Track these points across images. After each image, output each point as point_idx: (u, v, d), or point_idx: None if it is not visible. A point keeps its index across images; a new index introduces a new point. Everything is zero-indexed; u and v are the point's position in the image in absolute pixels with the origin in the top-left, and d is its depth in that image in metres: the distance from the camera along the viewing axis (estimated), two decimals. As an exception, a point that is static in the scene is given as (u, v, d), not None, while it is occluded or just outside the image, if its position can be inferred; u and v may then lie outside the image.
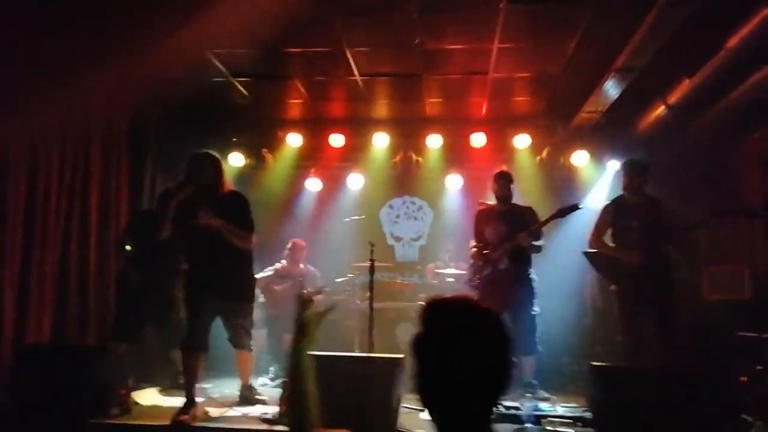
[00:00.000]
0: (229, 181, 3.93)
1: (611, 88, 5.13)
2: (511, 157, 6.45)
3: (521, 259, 4.48)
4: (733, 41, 3.86)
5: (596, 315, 5.71)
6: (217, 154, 3.79)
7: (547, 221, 4.37)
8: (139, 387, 4.15)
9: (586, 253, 4.46)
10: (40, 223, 4.41)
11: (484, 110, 6.35)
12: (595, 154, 6.28)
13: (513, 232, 4.42)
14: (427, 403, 1.18)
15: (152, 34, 4.13)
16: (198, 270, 3.73)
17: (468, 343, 1.14)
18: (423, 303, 1.24)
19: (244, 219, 3.71)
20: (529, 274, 4.52)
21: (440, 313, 1.20)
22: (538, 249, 4.47)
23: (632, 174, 4.28)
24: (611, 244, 4.34)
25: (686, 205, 4.81)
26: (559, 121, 6.25)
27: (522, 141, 6.31)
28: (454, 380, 1.13)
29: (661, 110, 5.20)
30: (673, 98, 4.97)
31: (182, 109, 6.09)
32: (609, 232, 4.37)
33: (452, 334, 1.15)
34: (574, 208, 4.30)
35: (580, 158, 6.28)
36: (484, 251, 4.53)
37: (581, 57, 4.91)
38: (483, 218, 4.70)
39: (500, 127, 6.38)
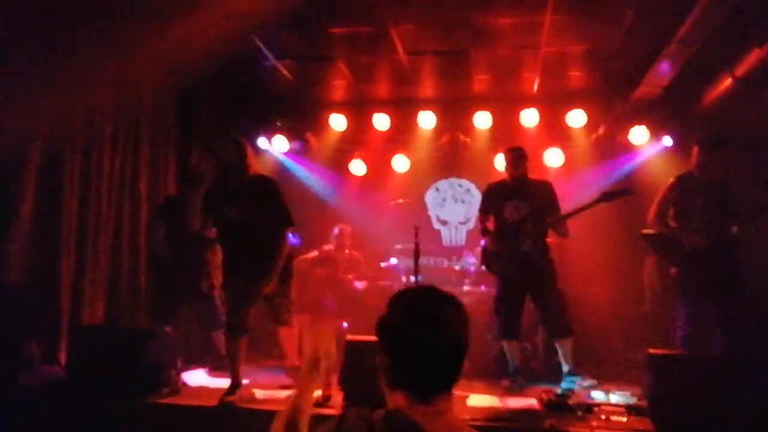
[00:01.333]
0: (257, 165, 3.87)
1: (672, 60, 4.81)
2: (565, 135, 6.20)
3: (542, 239, 4.22)
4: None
5: (654, 300, 5.44)
6: (241, 138, 3.73)
7: (590, 205, 4.04)
8: (187, 368, 4.24)
9: (644, 235, 4.21)
10: (94, 208, 4.54)
11: (535, 87, 6.11)
12: (655, 130, 5.93)
13: (535, 210, 4.15)
14: (389, 384, 1.29)
15: (198, 16, 4.12)
16: (233, 255, 3.72)
17: (424, 324, 1.26)
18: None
19: (280, 210, 3.64)
20: (549, 253, 4.25)
21: (403, 297, 1.34)
22: (566, 233, 4.17)
23: (706, 151, 3.97)
24: (673, 225, 4.08)
25: (757, 186, 4.47)
26: (617, 96, 5.93)
27: (576, 118, 6.02)
28: (410, 359, 1.25)
29: (728, 83, 4.83)
30: (741, 69, 4.60)
31: (227, 93, 6.15)
32: (671, 212, 4.10)
33: (409, 316, 1.28)
34: (623, 192, 4.00)
35: (638, 135, 5.94)
36: (507, 230, 4.22)
37: (640, 27, 4.63)
38: (497, 195, 4.34)
39: (553, 104, 6.11)
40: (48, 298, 4.08)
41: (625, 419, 3.25)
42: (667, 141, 5.87)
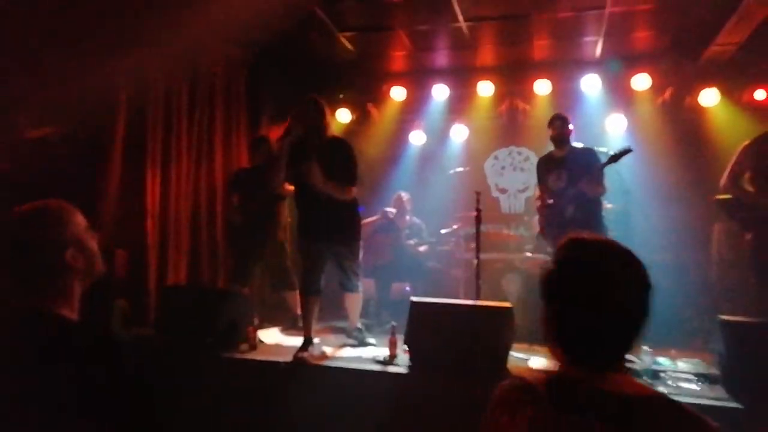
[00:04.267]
0: (334, 128, 4.00)
1: (749, 16, 4.55)
2: (629, 100, 6.00)
3: (588, 205, 4.22)
4: None
5: (722, 267, 5.28)
6: (321, 99, 3.86)
7: (602, 167, 4.08)
8: (262, 326, 4.49)
9: (719, 201, 4.09)
10: (174, 176, 4.81)
11: (598, 51, 5.93)
12: (728, 92, 5.66)
13: (575, 177, 4.17)
14: (553, 343, 1.15)
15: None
16: (307, 216, 3.87)
17: (604, 283, 1.09)
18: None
19: (348, 170, 3.76)
20: (600, 218, 4.27)
21: (578, 250, 1.16)
22: (600, 192, 4.20)
23: None
24: (749, 189, 3.94)
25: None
26: (685, 57, 5.68)
27: (641, 82, 5.81)
28: (586, 320, 1.10)
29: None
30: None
31: (292, 66, 6.28)
32: (747, 175, 3.95)
33: (589, 271, 1.11)
34: (626, 151, 3.99)
35: (709, 97, 5.69)
36: (549, 201, 4.35)
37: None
38: (543, 166, 4.51)
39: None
40: (137, 262, 4.40)
41: (696, 386, 3.18)
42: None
